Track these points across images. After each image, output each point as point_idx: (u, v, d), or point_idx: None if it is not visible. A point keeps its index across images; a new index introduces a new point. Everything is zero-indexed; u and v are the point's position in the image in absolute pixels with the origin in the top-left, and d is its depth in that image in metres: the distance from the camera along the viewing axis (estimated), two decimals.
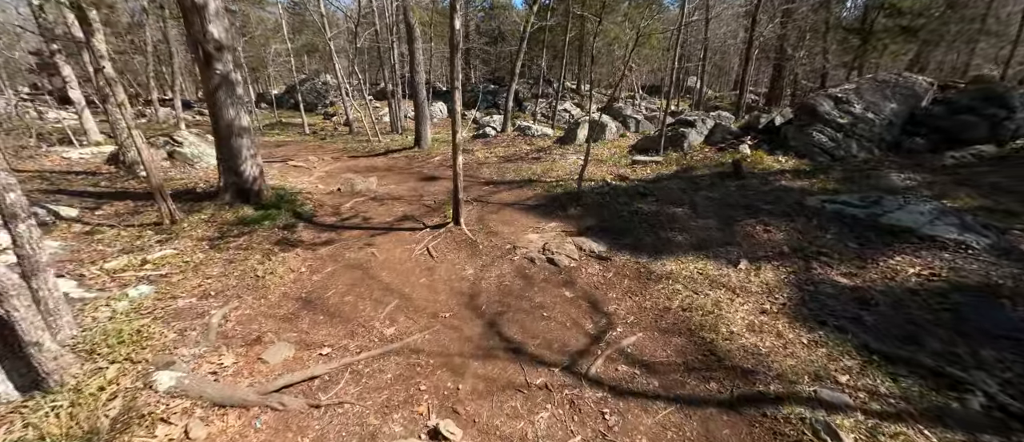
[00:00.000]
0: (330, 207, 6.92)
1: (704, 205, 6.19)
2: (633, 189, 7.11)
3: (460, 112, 5.59)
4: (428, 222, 6.18)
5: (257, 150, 6.40)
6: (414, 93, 11.24)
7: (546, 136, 12.83)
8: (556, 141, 12.15)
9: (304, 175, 9.35)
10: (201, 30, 5.47)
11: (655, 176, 7.99)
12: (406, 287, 4.29)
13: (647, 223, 5.65)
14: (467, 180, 8.53)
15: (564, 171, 8.83)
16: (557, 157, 10.26)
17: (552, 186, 7.75)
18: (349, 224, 6.17)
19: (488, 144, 12.58)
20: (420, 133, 11.67)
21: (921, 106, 7.79)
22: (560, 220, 6.09)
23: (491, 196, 7.52)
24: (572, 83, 29.98)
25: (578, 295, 4.05)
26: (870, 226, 4.76)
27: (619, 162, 9.21)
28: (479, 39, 30.28)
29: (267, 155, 12.26)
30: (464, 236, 5.54)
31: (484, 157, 10.76)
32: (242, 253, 4.75)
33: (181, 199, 6.38)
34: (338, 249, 5.22)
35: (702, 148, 9.22)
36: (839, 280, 3.94)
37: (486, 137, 13.63)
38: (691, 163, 8.48)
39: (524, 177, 8.60)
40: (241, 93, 6.07)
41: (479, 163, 10.10)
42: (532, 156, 10.56)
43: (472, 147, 12.15)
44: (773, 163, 7.78)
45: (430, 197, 7.56)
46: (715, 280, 4.09)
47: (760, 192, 6.55)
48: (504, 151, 11.38)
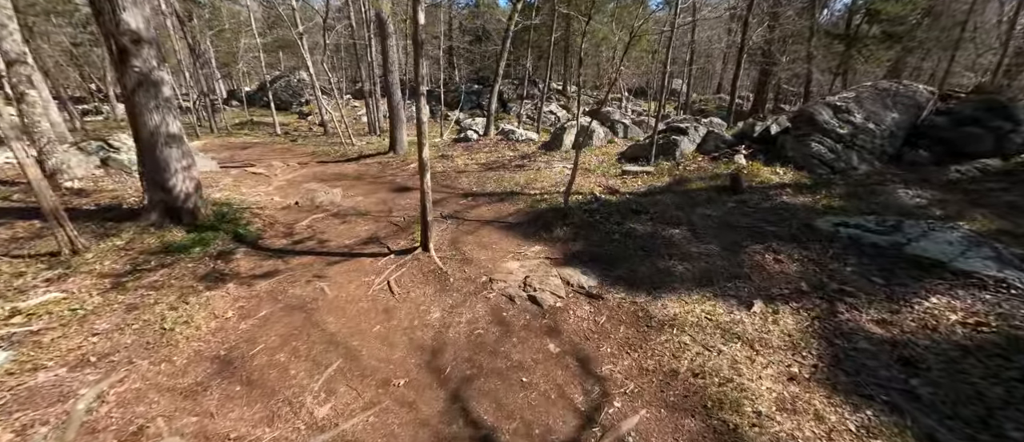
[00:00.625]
0: (283, 226, 6.00)
1: (703, 225, 5.52)
2: (625, 205, 6.41)
3: (427, 119, 4.80)
4: (394, 246, 5.34)
5: (191, 161, 5.44)
6: (388, 94, 10.32)
7: (531, 141, 12.07)
8: (541, 147, 11.41)
9: (261, 185, 8.36)
10: (112, 19, 4.50)
11: (647, 189, 7.32)
12: (355, 338, 3.46)
13: (642, 248, 4.94)
14: (443, 192, 7.71)
15: (549, 181, 8.08)
16: (542, 165, 9.51)
17: (536, 200, 6.99)
18: (301, 248, 5.28)
19: (469, 149, 11.75)
20: (395, 137, 10.76)
21: (923, 116, 7.34)
22: (544, 243, 5.34)
23: (469, 211, 6.72)
24: (558, 84, 29.29)
25: (565, 349, 3.30)
26: (894, 257, 4.15)
27: (608, 172, 8.52)
28: (463, 38, 29.33)
29: (228, 158, 11.18)
30: (433, 265, 4.72)
31: (464, 164, 9.93)
32: (152, 295, 3.82)
33: (99, 218, 5.37)
34: (281, 284, 4.34)
35: (695, 157, 8.61)
36: (873, 330, 3.29)
37: (467, 141, 12.80)
38: (684, 174, 7.84)
39: (506, 188, 7.81)
40: (169, 95, 5.10)
41: (458, 171, 9.27)
42: (515, 164, 9.78)
43: (452, 152, 11.30)
44: (771, 176, 7.20)
45: (400, 212, 6.70)
46: (727, 329, 3.39)
47: (762, 210, 5.93)
48: (486, 157, 10.57)
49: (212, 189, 7.52)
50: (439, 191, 7.87)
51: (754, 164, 7.67)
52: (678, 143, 8.65)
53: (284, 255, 5.04)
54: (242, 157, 11.79)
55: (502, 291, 4.14)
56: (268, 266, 4.74)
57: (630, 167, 8.37)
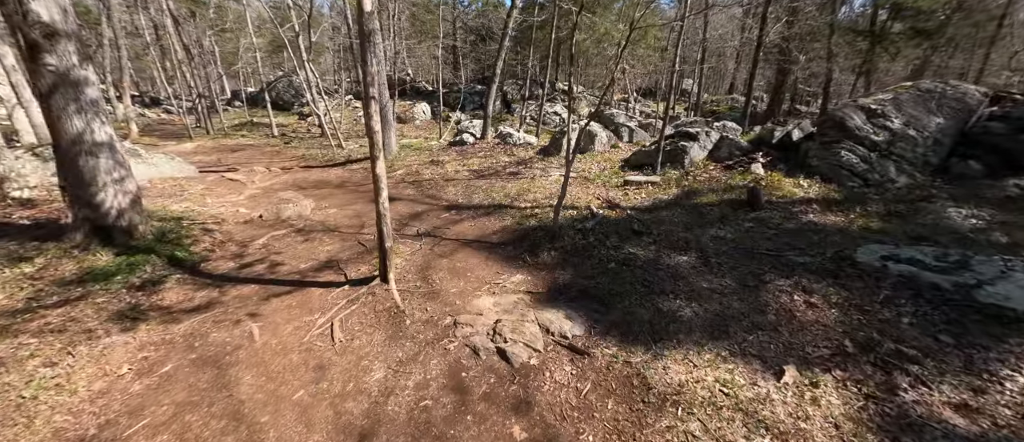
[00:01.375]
0: (236, 245, 5.26)
1: (716, 251, 4.63)
2: (625, 223, 5.54)
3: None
4: (353, 272, 4.56)
5: (125, 173, 4.72)
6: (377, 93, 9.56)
7: (529, 145, 11.22)
8: (539, 151, 10.55)
9: (233, 193, 7.67)
10: (19, 9, 3.79)
11: (651, 203, 6.43)
12: (268, 410, 2.68)
13: (643, 281, 4.08)
14: (426, 204, 6.92)
15: (543, 192, 7.23)
16: (538, 172, 8.66)
17: (526, 215, 6.15)
18: (247, 275, 4.53)
19: (463, 153, 10.95)
20: (383, 141, 9.99)
21: (973, 122, 6.31)
22: (528, 271, 4.51)
23: (449, 228, 5.92)
24: (564, 84, 28.34)
25: (534, 437, 2.47)
26: (963, 305, 3.23)
27: (609, 182, 7.63)
28: (467, 37, 28.53)
29: (213, 162, 10.57)
30: (390, 301, 3.93)
31: (454, 171, 9.12)
32: (34, 343, 3.09)
33: (26, 236, 4.69)
34: (205, 324, 3.58)
35: (706, 166, 7.67)
36: (952, 420, 2.39)
37: (463, 145, 12.00)
38: (694, 185, 6.92)
39: (495, 200, 6.99)
40: (96, 97, 4.39)
41: (446, 179, 8.47)
42: (509, 171, 8.95)
43: (444, 157, 10.51)
44: (794, 189, 6.25)
45: (373, 229, 5.92)
46: (750, 410, 2.53)
47: (785, 232, 5.01)
48: (479, 163, 9.75)
49: (173, 199, 6.84)
50: (421, 203, 7.08)
51: (774, 175, 6.72)
52: (687, 150, 7.73)
53: (224, 284, 4.29)
54: (229, 160, 11.18)
55: (466, 339, 3.32)
56: (200, 299, 3.99)
57: (634, 177, 7.48)
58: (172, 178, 8.51)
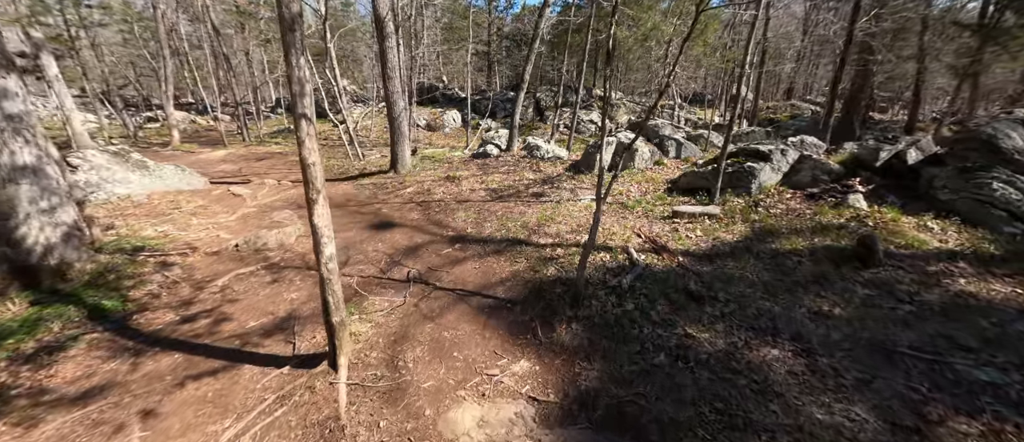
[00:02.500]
0: (191, 286, 4.30)
1: (824, 341, 3.03)
2: (677, 279, 4.01)
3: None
4: (305, 344, 3.40)
5: (58, 201, 3.87)
6: (387, 103, 8.57)
7: (558, 160, 9.82)
8: (569, 167, 9.12)
9: (226, 211, 6.88)
10: None
11: (710, 245, 4.83)
12: None
13: (712, 400, 2.59)
14: (429, 233, 5.72)
15: (569, 223, 5.82)
16: (566, 194, 7.25)
17: (544, 257, 4.77)
18: (180, 335, 3.50)
19: (484, 168, 9.73)
20: (395, 154, 9.00)
21: None
22: (536, 356, 3.14)
23: (448, 269, 4.67)
24: (601, 90, 26.56)
25: None
26: None
27: (652, 210, 6.08)
28: (502, 42, 27.53)
29: (234, 172, 10.09)
30: (331, 407, 2.70)
31: (470, 190, 7.90)
32: None
33: None
34: (75, 429, 2.53)
35: (781, 194, 5.92)
36: None
37: (486, 157, 10.80)
38: (768, 221, 5.23)
39: (509, 232, 5.66)
40: (16, 110, 3.55)
41: (459, 201, 7.25)
42: (533, 191, 7.60)
43: (462, 172, 9.34)
44: (920, 234, 4.43)
45: (359, 266, 4.80)
46: None
47: (929, 309, 3.30)
48: (500, 181, 8.47)
49: (156, 220, 6.10)
50: (424, 231, 5.89)
51: (884, 212, 4.90)
52: (755, 172, 6.03)
53: (144, 350, 3.27)
54: (249, 170, 10.69)
55: None
56: (102, 375, 2.98)
57: (685, 206, 5.88)
58: (174, 192, 7.92)
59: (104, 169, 7.21)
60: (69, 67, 15.60)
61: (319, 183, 2.51)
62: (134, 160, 8.05)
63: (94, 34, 16.98)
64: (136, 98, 28.31)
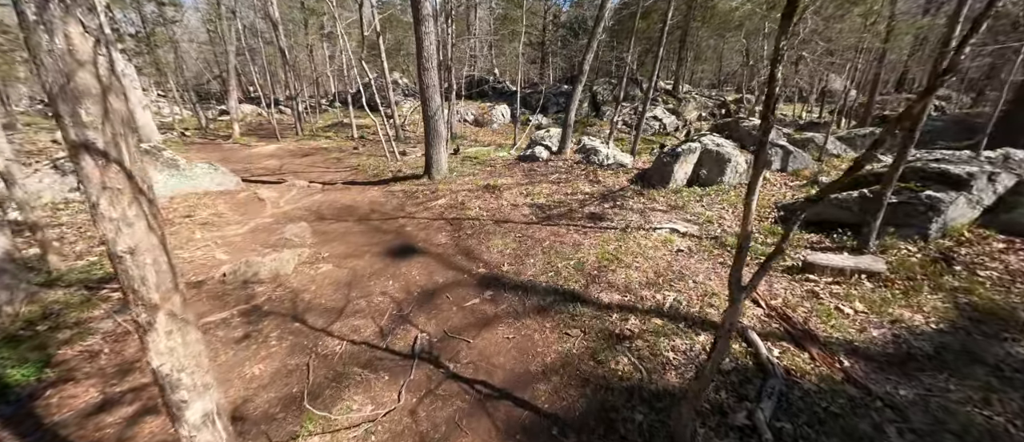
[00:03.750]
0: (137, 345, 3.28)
1: None
2: (860, 425, 2.23)
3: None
4: None
5: None
6: (422, 99, 7.31)
7: (620, 167, 8.01)
8: (635, 179, 7.31)
9: (241, 221, 6.04)
10: None
11: (887, 334, 2.93)
12: None
13: None
14: (453, 269, 4.36)
15: (644, 268, 4.13)
16: (634, 217, 5.53)
17: (610, 333, 3.17)
18: (83, 438, 2.43)
19: (531, 175, 8.20)
20: (429, 159, 7.74)
21: None
22: None
23: (471, 335, 3.26)
24: (667, 82, 23.81)
25: None
26: None
27: (767, 254, 4.20)
28: (556, 33, 25.53)
29: (276, 169, 9.74)
30: None
31: (511, 205, 6.41)
32: None
33: None
34: None
35: (984, 241, 3.77)
36: None
37: (534, 161, 9.25)
38: (980, 294, 3.18)
39: (559, 275, 4.12)
40: None
41: (497, 221, 5.80)
42: (589, 210, 5.96)
43: (506, 179, 7.89)
44: None
45: (357, 320, 3.54)
46: None
47: None
48: (549, 194, 6.91)
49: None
50: (448, 265, 4.53)
51: None
52: (940, 206, 3.90)
53: None
54: (289, 167, 10.17)
55: None
56: None
57: (821, 254, 3.93)
58: (200, 194, 7.32)
59: None
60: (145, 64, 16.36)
61: (155, 289, 1.16)
62: (165, 159, 7.56)
63: (171, 31, 17.74)
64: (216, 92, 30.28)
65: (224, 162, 10.72)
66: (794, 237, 4.58)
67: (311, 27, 25.17)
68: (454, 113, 15.37)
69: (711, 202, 5.93)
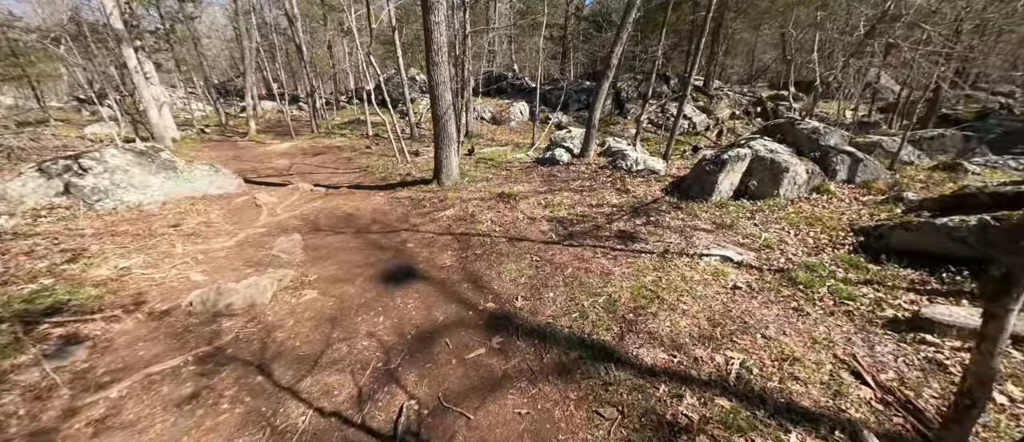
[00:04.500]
0: (68, 398, 2.66)
1: None
2: None
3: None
4: None
5: None
6: (432, 97, 6.56)
7: (652, 174, 7.06)
8: (670, 188, 6.36)
9: (230, 231, 5.46)
10: None
11: None
12: None
13: None
14: (458, 303, 3.60)
15: (694, 312, 3.26)
16: (673, 238, 4.63)
17: (656, 416, 2.33)
18: None
19: (551, 181, 7.35)
20: (439, 162, 7.00)
21: None
22: None
23: (473, 409, 2.49)
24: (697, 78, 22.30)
25: None
26: None
27: (853, 298, 3.24)
28: (579, 26, 24.38)
29: (284, 169, 9.24)
30: None
31: (527, 218, 5.59)
32: None
33: None
34: None
35: None
36: None
37: (554, 164, 8.40)
38: None
39: (586, 318, 3.29)
40: None
41: (511, 238, 5.00)
42: (620, 227, 5.08)
43: (523, 186, 7.07)
44: None
45: (333, 376, 2.83)
46: None
47: None
48: (571, 205, 6.05)
49: (138, 241, 4.80)
50: (450, 297, 3.76)
51: None
52: None
53: None
54: (298, 167, 9.70)
55: None
56: None
57: (940, 310, 2.95)
58: (198, 197, 6.83)
59: (120, 172, 6.24)
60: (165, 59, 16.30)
61: None
62: (162, 160, 7.10)
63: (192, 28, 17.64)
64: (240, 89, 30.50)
65: (235, 160, 10.32)
66: (885, 269, 3.59)
67: (330, 23, 24.85)
68: (470, 110, 14.63)
69: (766, 220, 4.95)
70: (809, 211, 5.05)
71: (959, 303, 3.02)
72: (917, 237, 3.67)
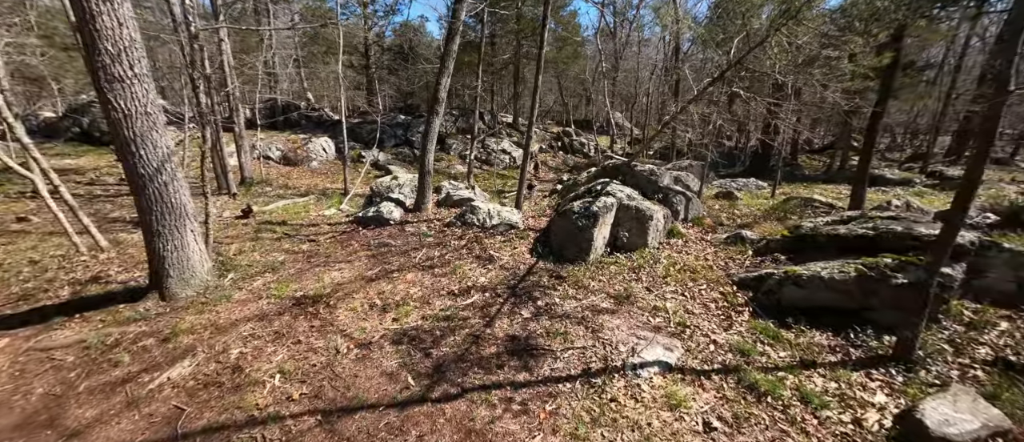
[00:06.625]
0: None
1: None
2: None
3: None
4: None
5: None
6: (119, 145, 3.32)
7: (511, 230, 5.77)
8: (537, 245, 5.17)
9: None
10: None
11: None
12: None
13: None
14: None
15: None
16: (580, 338, 3.26)
17: None
18: None
19: (382, 254, 5.07)
20: (160, 258, 3.64)
21: None
22: None
23: None
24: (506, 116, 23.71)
25: None
26: None
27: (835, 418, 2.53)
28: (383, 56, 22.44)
29: None
30: None
31: (354, 344, 3.21)
32: None
33: None
34: None
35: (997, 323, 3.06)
36: None
37: (381, 226, 6.10)
38: None
39: None
40: None
41: (328, 410, 2.56)
42: (506, 331, 3.39)
43: (340, 272, 4.53)
44: None
45: None
46: None
47: None
48: (420, 296, 4.00)
49: None
50: None
51: None
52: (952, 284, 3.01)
53: None
54: None
55: None
56: None
57: (948, 420, 2.46)
58: None
59: None
60: None
61: None
62: None
63: None
64: None
65: None
66: (806, 342, 3.16)
67: None
68: (247, 150, 10.44)
69: (653, 281, 4.26)
70: (680, 261, 4.69)
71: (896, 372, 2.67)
72: (809, 294, 3.45)
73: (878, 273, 3.21)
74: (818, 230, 4.14)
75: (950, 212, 2.59)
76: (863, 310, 3.27)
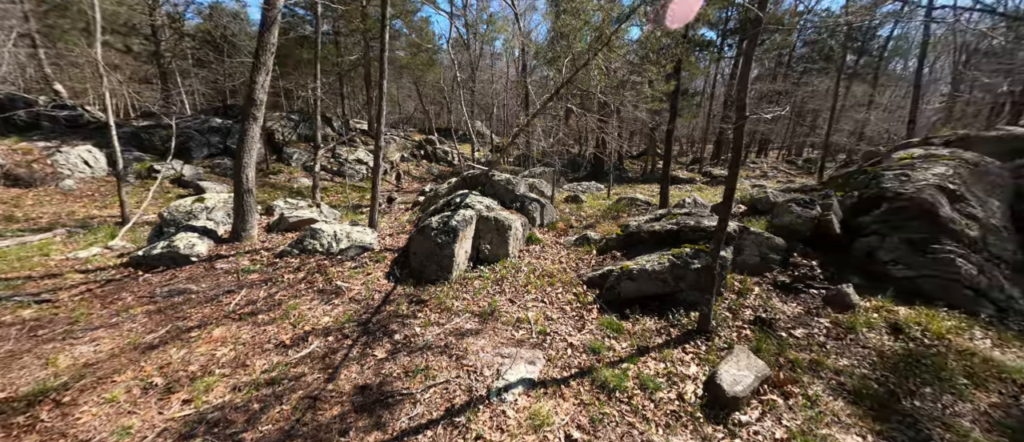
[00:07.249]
0: None
1: None
2: None
3: None
4: None
5: None
6: None
7: (365, 252, 5.07)
8: (395, 266, 4.67)
9: None
10: None
11: None
12: None
13: None
14: None
15: None
16: (443, 370, 2.98)
17: None
18: None
19: (173, 308, 3.75)
20: None
21: None
22: None
23: None
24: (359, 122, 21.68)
25: None
26: None
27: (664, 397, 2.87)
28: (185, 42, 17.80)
29: None
30: None
31: None
32: None
33: None
34: None
35: (753, 290, 4.08)
36: None
37: (178, 264, 4.57)
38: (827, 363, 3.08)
39: None
40: None
41: None
42: (354, 380, 2.84)
43: (86, 344, 3.11)
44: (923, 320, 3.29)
45: None
46: None
47: None
48: (230, 358, 3.05)
49: None
50: None
51: (882, 303, 3.70)
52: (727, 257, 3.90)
53: None
54: None
55: None
56: None
57: (728, 371, 3.00)
58: None
59: None
60: None
61: None
62: None
63: None
64: None
65: None
66: (640, 329, 3.60)
67: None
68: None
69: (516, 292, 4.30)
70: (540, 267, 4.89)
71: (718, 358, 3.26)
72: (639, 285, 3.96)
73: (682, 261, 3.91)
74: (641, 228, 4.88)
75: (721, 208, 3.30)
76: (676, 293, 3.94)
